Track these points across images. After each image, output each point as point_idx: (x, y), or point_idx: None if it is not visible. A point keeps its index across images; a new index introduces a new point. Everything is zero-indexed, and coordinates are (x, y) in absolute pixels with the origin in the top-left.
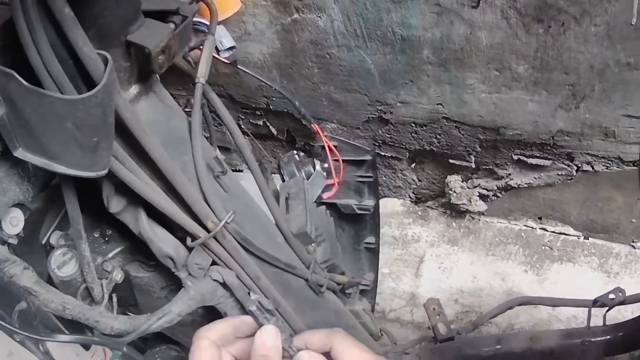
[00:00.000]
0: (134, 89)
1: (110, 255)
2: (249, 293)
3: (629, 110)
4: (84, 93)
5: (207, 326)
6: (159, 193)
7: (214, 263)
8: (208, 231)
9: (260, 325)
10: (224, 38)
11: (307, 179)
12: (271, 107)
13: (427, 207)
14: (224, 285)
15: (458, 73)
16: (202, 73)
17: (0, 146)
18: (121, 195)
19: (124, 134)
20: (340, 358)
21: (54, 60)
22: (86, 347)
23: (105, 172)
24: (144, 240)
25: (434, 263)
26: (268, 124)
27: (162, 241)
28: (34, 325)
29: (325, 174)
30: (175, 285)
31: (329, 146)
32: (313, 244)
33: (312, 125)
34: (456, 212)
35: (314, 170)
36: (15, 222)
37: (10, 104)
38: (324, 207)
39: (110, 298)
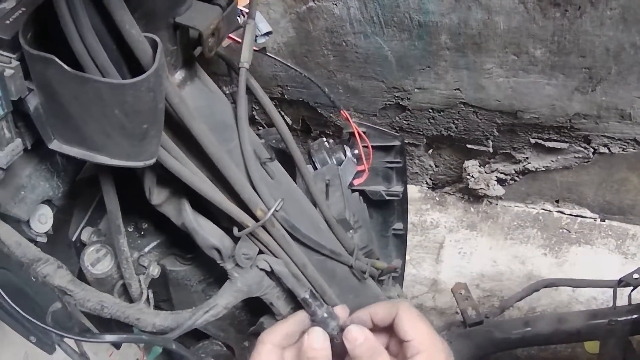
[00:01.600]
0: (179, 74)
1: (146, 249)
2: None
3: None
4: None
5: (269, 330)
6: (206, 182)
7: (259, 252)
8: (256, 220)
9: (312, 313)
10: (260, 23)
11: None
12: (286, 96)
13: (445, 192)
14: (270, 274)
15: (475, 58)
16: (245, 58)
17: (30, 139)
18: (163, 186)
19: (170, 120)
20: (404, 327)
21: (98, 45)
22: (117, 346)
23: (153, 161)
24: (189, 231)
25: (454, 248)
26: (282, 113)
27: (207, 232)
28: (70, 326)
29: (355, 160)
30: (212, 278)
31: (358, 132)
32: (351, 231)
33: (341, 111)
34: (474, 197)
35: (345, 157)
36: (44, 220)
37: (48, 92)
38: (357, 193)
39: (148, 295)
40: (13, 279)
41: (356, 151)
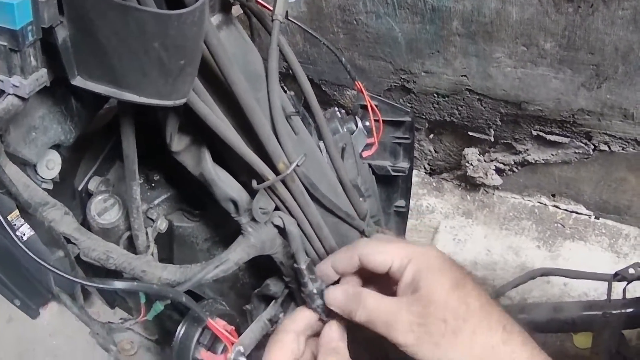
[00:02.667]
0: (216, 18)
1: (155, 202)
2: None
3: None
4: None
5: (292, 318)
6: (232, 130)
7: (276, 209)
8: (277, 173)
9: (303, 284)
10: None
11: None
12: (290, 71)
13: (442, 179)
14: (283, 231)
15: (486, 46)
16: (279, 11)
17: (51, 75)
18: (185, 134)
19: (203, 63)
20: (373, 262)
21: None
22: (112, 305)
23: (184, 101)
24: (206, 182)
25: (449, 234)
26: (286, 89)
27: (225, 184)
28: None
29: (366, 132)
30: (219, 237)
31: (371, 105)
32: (362, 198)
33: (355, 82)
34: (471, 185)
35: (356, 127)
36: (51, 165)
37: (81, 24)
38: (367, 164)
39: (154, 248)
40: None
41: (367, 123)
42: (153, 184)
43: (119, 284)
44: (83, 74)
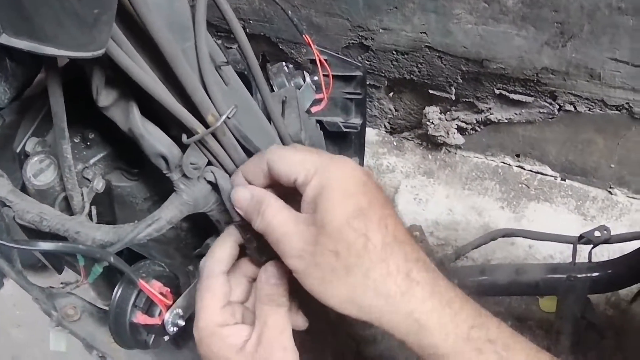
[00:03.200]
0: None
1: (91, 161)
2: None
3: (616, 54)
4: None
5: (214, 258)
6: (157, 82)
7: (208, 164)
8: (207, 126)
9: (244, 240)
10: None
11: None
12: (247, 30)
13: (403, 137)
14: (216, 187)
15: (445, 2)
16: None
17: None
18: (112, 88)
19: (124, 13)
20: (279, 170)
21: None
22: (59, 269)
23: (102, 51)
24: (135, 137)
25: (409, 194)
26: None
27: (154, 138)
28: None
29: (314, 87)
30: (158, 196)
31: (319, 59)
32: None
33: (303, 35)
34: (432, 144)
35: (304, 82)
36: None
37: None
38: (314, 120)
39: (90, 210)
40: None
41: (316, 78)
42: (89, 143)
43: (43, 245)
44: (8, 31)
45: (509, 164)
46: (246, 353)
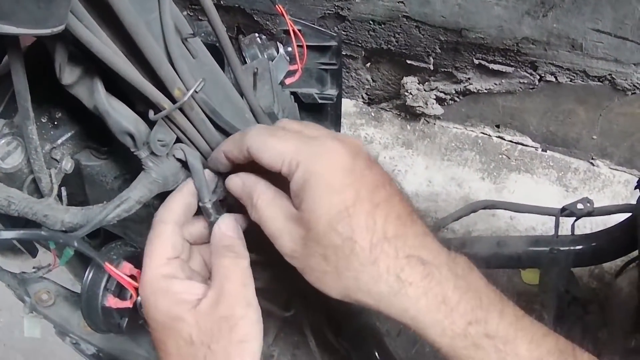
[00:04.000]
0: None
1: (59, 141)
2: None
3: (598, 24)
4: None
5: (167, 207)
6: (121, 56)
7: (177, 141)
8: (174, 101)
9: (210, 221)
10: None
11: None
12: (222, 2)
13: (381, 108)
14: (186, 164)
15: None
16: None
17: None
18: (75, 64)
19: None
20: (255, 156)
21: None
22: (33, 254)
23: (62, 27)
24: (100, 114)
25: (388, 165)
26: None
27: (120, 115)
28: None
29: (288, 58)
30: (129, 174)
31: (293, 30)
32: None
33: (276, 6)
34: (411, 114)
35: (277, 53)
36: None
37: None
38: (288, 91)
39: (60, 192)
40: None
41: (289, 49)
42: (56, 122)
43: (5, 234)
44: None
45: (489, 135)
46: (201, 312)
